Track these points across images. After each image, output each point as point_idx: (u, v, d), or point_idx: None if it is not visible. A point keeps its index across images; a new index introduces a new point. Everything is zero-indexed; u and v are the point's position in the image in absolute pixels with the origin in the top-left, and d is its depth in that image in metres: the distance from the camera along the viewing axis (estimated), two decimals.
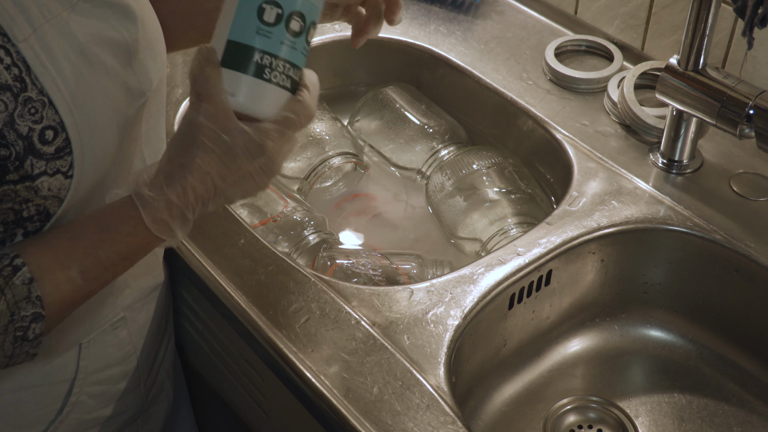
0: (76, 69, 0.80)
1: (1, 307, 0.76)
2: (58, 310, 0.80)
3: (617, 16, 1.39)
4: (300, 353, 0.98)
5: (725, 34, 1.25)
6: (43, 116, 0.78)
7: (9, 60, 0.76)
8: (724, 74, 1.10)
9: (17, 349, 0.79)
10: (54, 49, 0.79)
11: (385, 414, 0.92)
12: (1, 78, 0.75)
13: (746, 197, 1.16)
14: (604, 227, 1.13)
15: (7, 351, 0.78)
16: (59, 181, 0.80)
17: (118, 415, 1.06)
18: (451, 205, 1.23)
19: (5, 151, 0.76)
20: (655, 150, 1.22)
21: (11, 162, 0.77)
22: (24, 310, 0.77)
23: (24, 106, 0.77)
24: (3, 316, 0.77)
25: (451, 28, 1.46)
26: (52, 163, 0.79)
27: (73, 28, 0.81)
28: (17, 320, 0.77)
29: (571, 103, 1.31)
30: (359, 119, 1.39)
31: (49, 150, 0.79)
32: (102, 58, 0.83)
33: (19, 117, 0.76)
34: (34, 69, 0.77)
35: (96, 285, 0.83)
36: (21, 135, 0.77)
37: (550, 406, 1.14)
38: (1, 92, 0.75)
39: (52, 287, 0.79)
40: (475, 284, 1.05)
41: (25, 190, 0.78)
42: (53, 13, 0.79)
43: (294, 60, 0.81)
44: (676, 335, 1.19)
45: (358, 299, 1.03)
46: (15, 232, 0.81)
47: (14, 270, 0.77)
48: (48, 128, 0.78)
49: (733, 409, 1.12)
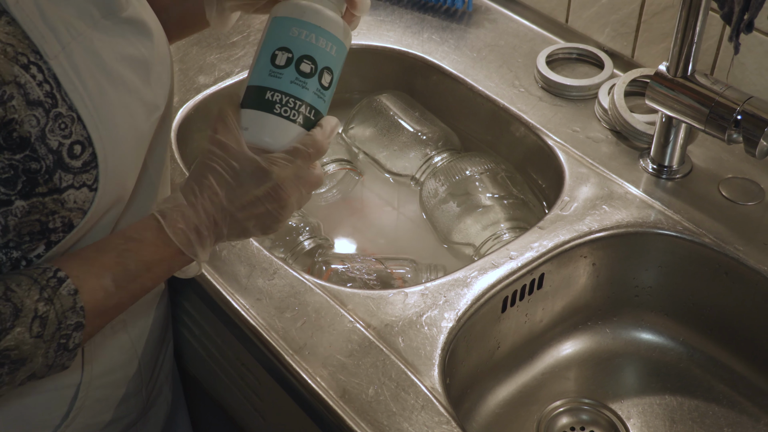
0: (100, 85, 0.83)
1: (51, 317, 0.79)
2: (93, 318, 0.83)
3: (608, 24, 1.41)
4: (296, 355, 0.99)
5: (714, 41, 1.26)
6: (72, 131, 0.81)
7: (41, 77, 0.79)
8: (712, 80, 1.11)
9: (58, 358, 0.82)
10: (80, 66, 0.81)
11: (380, 415, 0.93)
12: (34, 94, 0.78)
13: (735, 201, 1.18)
14: (595, 231, 1.14)
15: (49, 359, 0.81)
16: (84, 194, 0.83)
17: (121, 419, 1.07)
18: (445, 210, 1.25)
19: (36, 164, 0.79)
20: (646, 155, 1.24)
21: (41, 175, 0.80)
22: (69, 319, 0.81)
23: (54, 122, 0.79)
24: (51, 325, 0.79)
25: (444, 37, 1.47)
26: (79, 177, 0.82)
27: (97, 46, 0.84)
28: (63, 329, 0.80)
29: (562, 110, 1.33)
30: (353, 126, 1.40)
31: (77, 164, 0.82)
32: (123, 75, 0.86)
33: (50, 132, 0.79)
34: (64, 85, 0.80)
35: (126, 296, 0.86)
36: (51, 149, 0.80)
37: (544, 408, 1.15)
38: (33, 108, 0.78)
39: (89, 296, 0.82)
40: (469, 287, 1.07)
41: (52, 202, 0.81)
42: (78, 31, 0.82)
43: (305, 98, 0.87)
44: (667, 338, 1.20)
45: (354, 302, 1.04)
46: (37, 245, 0.84)
47: (59, 281, 0.81)
48: (76, 143, 0.81)
49: (724, 410, 1.13)
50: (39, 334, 0.79)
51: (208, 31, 1.48)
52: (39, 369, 0.81)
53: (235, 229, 0.88)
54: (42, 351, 0.80)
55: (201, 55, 1.43)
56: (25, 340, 0.78)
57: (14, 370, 0.79)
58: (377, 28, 1.49)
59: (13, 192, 0.79)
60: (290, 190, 0.87)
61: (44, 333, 0.79)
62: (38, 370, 0.81)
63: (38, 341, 0.79)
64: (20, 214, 0.80)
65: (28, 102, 0.78)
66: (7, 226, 0.80)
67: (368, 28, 1.49)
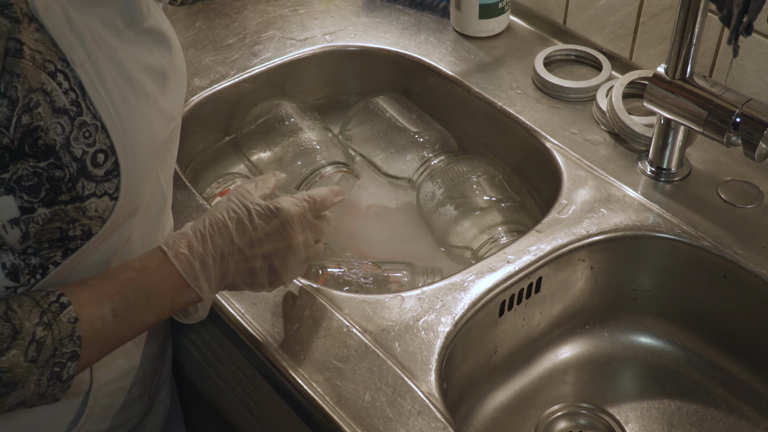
0: (123, 95, 0.83)
1: (48, 342, 0.79)
2: (88, 348, 0.83)
3: (606, 26, 1.40)
4: (292, 360, 0.98)
5: (712, 43, 1.26)
6: (96, 140, 0.81)
7: (67, 84, 0.79)
8: (711, 82, 1.11)
9: (50, 387, 0.81)
10: (105, 75, 0.82)
11: (377, 420, 0.92)
12: (60, 102, 0.78)
13: (734, 204, 1.17)
14: (593, 234, 1.14)
15: (41, 388, 0.80)
16: (105, 202, 0.83)
17: (125, 424, 1.07)
18: (442, 213, 1.24)
19: (60, 172, 0.79)
20: (644, 158, 1.23)
21: (64, 183, 0.79)
22: (65, 347, 0.80)
23: (79, 130, 0.80)
24: (47, 350, 0.79)
25: (441, 38, 1.47)
26: (101, 185, 0.82)
27: (120, 55, 0.84)
28: (58, 356, 0.80)
29: (560, 112, 1.32)
30: (350, 128, 1.40)
31: (100, 172, 0.82)
32: (143, 85, 0.86)
33: (75, 140, 0.79)
34: (89, 94, 0.80)
35: (124, 328, 0.86)
36: (75, 157, 0.80)
37: (541, 412, 1.14)
38: (59, 116, 0.78)
39: (87, 324, 0.82)
40: (466, 291, 1.06)
41: (74, 210, 0.81)
42: (103, 40, 0.83)
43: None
44: (666, 341, 1.20)
45: (350, 307, 1.04)
46: (56, 252, 0.84)
47: (61, 307, 0.81)
48: (100, 151, 0.81)
49: (722, 415, 1.13)
50: (34, 359, 0.78)
51: (203, 33, 1.47)
52: (30, 396, 0.80)
53: (243, 268, 0.91)
54: (35, 377, 0.79)
55: (196, 57, 1.42)
56: (19, 364, 0.78)
57: (5, 393, 0.78)
58: (374, 30, 1.49)
59: (36, 200, 0.79)
60: (297, 229, 0.93)
61: (39, 358, 0.79)
62: (29, 397, 0.80)
63: (32, 366, 0.79)
64: (42, 222, 0.80)
65: (54, 110, 0.78)
66: (28, 233, 0.80)
67: (365, 30, 1.49)
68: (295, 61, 1.44)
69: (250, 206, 0.92)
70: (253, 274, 0.92)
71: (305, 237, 0.94)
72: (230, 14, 1.53)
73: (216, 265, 0.89)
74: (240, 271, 0.91)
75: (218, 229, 0.90)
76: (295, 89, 1.46)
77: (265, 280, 0.93)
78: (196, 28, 1.49)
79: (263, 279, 0.93)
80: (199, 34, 1.48)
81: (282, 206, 0.93)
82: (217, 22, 1.51)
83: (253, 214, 0.91)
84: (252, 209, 0.91)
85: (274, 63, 1.43)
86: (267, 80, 1.42)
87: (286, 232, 0.92)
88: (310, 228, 0.95)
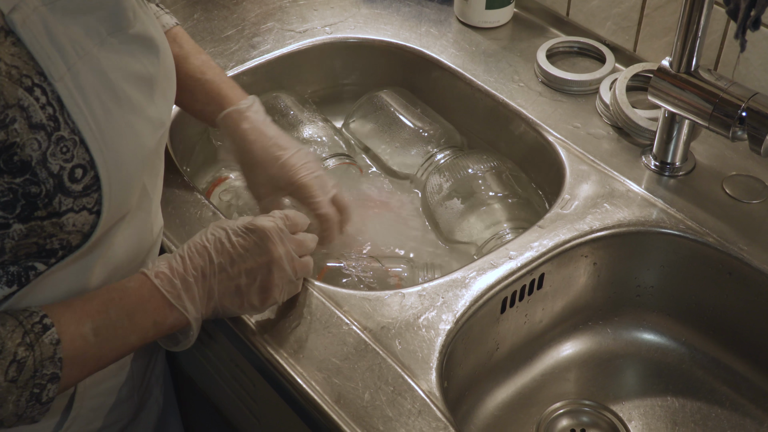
0: (106, 106, 0.82)
1: (29, 363, 0.79)
2: (70, 368, 0.83)
3: (609, 17, 1.39)
4: (291, 359, 0.97)
5: (717, 35, 1.24)
6: (74, 155, 0.79)
7: (45, 99, 0.77)
8: (716, 76, 1.09)
9: (29, 409, 0.81)
10: (86, 88, 0.80)
11: (376, 420, 0.91)
12: (37, 117, 0.76)
13: (739, 200, 1.16)
14: (596, 230, 1.12)
15: (20, 409, 0.80)
16: (84, 216, 0.82)
17: (113, 425, 1.06)
18: (449, 206, 1.23)
19: (36, 188, 0.78)
20: (648, 152, 1.22)
21: (41, 199, 0.78)
22: (46, 369, 0.80)
23: (56, 145, 0.78)
24: (27, 371, 0.79)
25: (442, 30, 1.45)
26: (79, 200, 0.81)
27: (104, 65, 0.82)
28: (38, 377, 0.80)
29: (563, 105, 1.31)
30: (354, 122, 1.39)
31: (78, 188, 0.80)
32: (129, 94, 0.85)
33: (51, 156, 0.78)
34: (68, 108, 0.79)
35: (106, 347, 0.86)
36: (52, 173, 0.78)
37: (543, 410, 1.13)
38: (35, 131, 0.76)
39: (68, 344, 0.82)
40: (467, 288, 1.05)
41: (51, 225, 0.80)
42: (85, 50, 0.81)
43: None
44: (669, 338, 1.19)
45: (349, 304, 1.03)
46: (34, 263, 0.83)
47: (44, 329, 0.81)
48: (78, 167, 0.80)
49: (726, 412, 1.12)
50: (14, 379, 0.78)
51: (201, 25, 1.46)
52: (8, 417, 0.80)
53: (228, 287, 0.93)
54: (14, 397, 0.79)
55: None
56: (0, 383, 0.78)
57: None
58: (374, 22, 1.47)
59: (12, 215, 0.78)
60: (275, 241, 0.94)
61: (19, 378, 0.79)
62: (6, 418, 0.80)
63: (11, 386, 0.78)
64: (17, 237, 0.79)
65: (31, 125, 0.76)
66: (3, 248, 0.79)
67: (365, 22, 1.47)
68: (295, 53, 1.43)
69: (227, 227, 0.94)
70: (240, 294, 0.93)
71: (286, 250, 0.96)
72: (229, 5, 1.51)
73: (198, 283, 0.90)
74: (226, 290, 0.92)
75: (197, 250, 0.92)
76: (295, 81, 1.45)
77: (255, 299, 0.94)
78: (195, 20, 1.48)
79: (252, 298, 0.94)
80: (197, 26, 1.46)
81: (257, 223, 0.95)
82: (216, 14, 1.49)
83: (230, 233, 0.94)
84: (229, 229, 0.94)
85: (273, 55, 1.41)
86: (266, 72, 1.41)
87: (265, 245, 0.94)
88: (290, 242, 0.96)
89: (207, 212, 1.13)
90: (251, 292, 0.94)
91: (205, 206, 1.14)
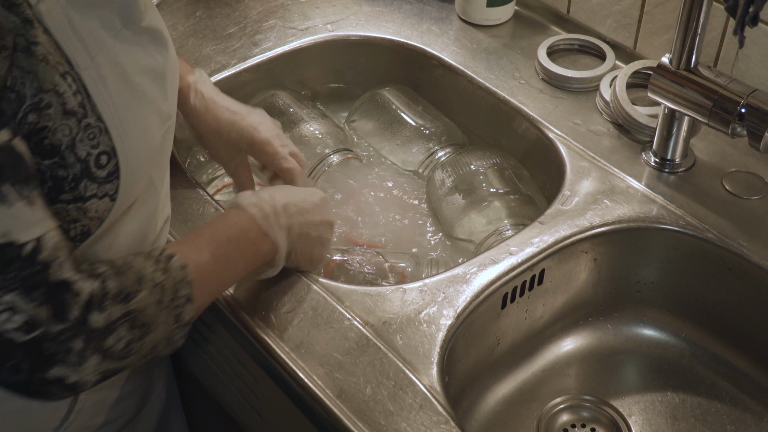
0: (124, 97, 0.84)
1: (167, 285, 0.85)
2: (199, 293, 0.89)
3: (610, 15, 1.39)
4: (293, 353, 0.97)
5: (717, 32, 1.25)
6: (100, 142, 0.81)
7: (75, 87, 0.79)
8: (716, 73, 1.10)
9: (174, 332, 0.87)
10: (107, 78, 0.82)
11: (378, 414, 0.91)
12: (70, 104, 0.78)
13: (739, 196, 1.16)
14: (596, 226, 1.13)
15: (168, 331, 0.86)
16: (105, 203, 0.84)
17: (116, 420, 1.06)
18: (450, 202, 1.23)
19: (63, 172, 0.79)
20: (648, 149, 1.22)
21: (67, 183, 0.80)
22: (181, 291, 0.87)
23: (85, 132, 0.80)
24: (168, 292, 0.85)
25: (444, 28, 1.46)
26: (103, 187, 0.83)
27: (120, 57, 0.84)
28: (177, 299, 0.86)
29: (563, 102, 1.31)
30: (355, 119, 1.39)
31: (102, 174, 0.82)
32: (142, 86, 0.87)
33: (80, 141, 0.80)
34: (94, 97, 0.81)
35: (223, 275, 0.95)
36: (79, 158, 0.80)
37: (544, 405, 1.14)
38: (68, 117, 0.78)
39: (194, 269, 0.89)
40: (468, 284, 1.05)
41: (75, 210, 0.82)
42: (104, 43, 0.83)
43: None
44: (669, 334, 1.19)
45: (351, 299, 1.03)
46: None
47: (169, 257, 0.87)
48: (103, 153, 0.82)
49: (726, 408, 1.12)
50: (159, 301, 0.84)
51: (203, 23, 1.46)
52: (160, 342, 0.85)
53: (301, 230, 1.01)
54: (162, 318, 0.84)
55: (197, 47, 1.41)
56: (149, 305, 0.82)
57: (142, 336, 0.82)
58: (376, 19, 1.48)
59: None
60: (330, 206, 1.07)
61: (163, 299, 0.84)
62: (159, 342, 0.85)
63: (159, 307, 0.84)
64: None
65: (64, 111, 0.78)
66: None
67: (366, 20, 1.48)
68: (296, 50, 1.43)
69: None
70: (309, 241, 1.02)
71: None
72: (231, 3, 1.52)
73: (283, 217, 0.98)
74: (300, 232, 1.00)
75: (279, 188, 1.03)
76: (296, 79, 1.45)
77: (316, 251, 1.04)
78: (197, 17, 1.48)
79: (314, 249, 1.03)
80: (199, 24, 1.47)
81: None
82: (218, 11, 1.50)
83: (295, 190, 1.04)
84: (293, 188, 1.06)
85: (275, 53, 1.42)
86: (268, 70, 1.41)
87: (326, 207, 1.05)
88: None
89: (210, 208, 1.14)
90: (314, 243, 1.03)
91: (208, 203, 1.14)
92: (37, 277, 0.75)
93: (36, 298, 0.75)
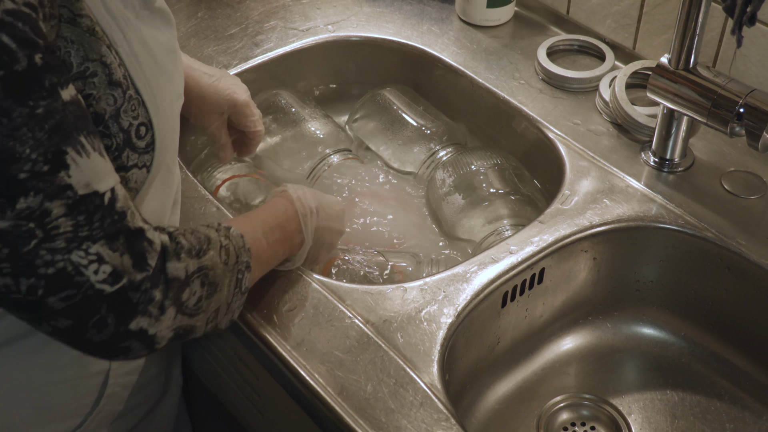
0: (153, 73, 0.86)
1: (231, 249, 0.89)
2: (255, 265, 0.94)
3: (609, 15, 1.40)
4: (294, 352, 0.98)
5: (716, 32, 1.25)
6: (139, 114, 0.83)
7: (118, 60, 0.81)
8: (714, 73, 1.10)
9: (235, 297, 0.91)
10: (138, 54, 0.84)
11: (378, 412, 0.92)
12: (116, 75, 0.81)
13: (737, 195, 1.17)
14: (596, 225, 1.13)
15: (230, 295, 0.89)
16: (143, 174, 0.86)
17: (142, 405, 1.08)
18: (451, 202, 1.24)
19: (108, 141, 0.81)
20: (647, 148, 1.23)
21: (111, 152, 0.81)
22: (242, 257, 0.91)
23: (128, 103, 0.82)
24: (232, 256, 0.89)
25: (444, 28, 1.46)
26: (142, 157, 0.85)
27: (144, 35, 0.86)
28: (240, 263, 0.90)
29: (563, 103, 1.32)
30: (357, 120, 1.39)
31: (141, 144, 0.84)
32: (165, 64, 0.89)
33: (124, 112, 0.82)
34: (130, 70, 0.83)
35: (273, 254, 0.99)
36: (122, 128, 0.82)
37: (544, 403, 1.14)
38: (113, 88, 0.81)
39: (251, 242, 0.93)
40: (468, 282, 1.06)
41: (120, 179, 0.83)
42: (130, 21, 0.85)
43: None
44: (669, 333, 1.20)
45: (352, 298, 1.04)
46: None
47: (228, 228, 0.91)
48: (142, 125, 0.84)
49: (726, 406, 1.13)
50: (225, 262, 0.88)
51: (205, 23, 1.47)
52: (222, 306, 0.88)
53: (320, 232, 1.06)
54: (227, 280, 0.88)
55: (198, 48, 1.42)
56: (218, 264, 0.86)
57: (210, 294, 0.85)
58: (376, 20, 1.48)
59: None
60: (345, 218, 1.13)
61: (228, 261, 0.88)
62: (222, 306, 0.88)
63: (225, 268, 0.88)
64: None
65: (110, 82, 0.80)
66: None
67: (367, 20, 1.48)
68: (298, 51, 1.44)
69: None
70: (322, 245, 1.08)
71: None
72: (232, 4, 1.52)
73: (315, 216, 1.04)
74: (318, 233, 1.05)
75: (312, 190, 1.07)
76: (297, 79, 1.46)
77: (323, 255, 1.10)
78: (198, 18, 1.49)
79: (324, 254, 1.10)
80: (201, 24, 1.47)
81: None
82: (219, 12, 1.50)
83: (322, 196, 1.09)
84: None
85: (276, 53, 1.42)
86: (269, 71, 1.42)
87: (343, 218, 1.10)
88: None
89: (211, 207, 1.14)
90: (324, 247, 1.08)
91: (209, 201, 1.15)
92: (118, 225, 0.77)
93: (117, 248, 0.76)
